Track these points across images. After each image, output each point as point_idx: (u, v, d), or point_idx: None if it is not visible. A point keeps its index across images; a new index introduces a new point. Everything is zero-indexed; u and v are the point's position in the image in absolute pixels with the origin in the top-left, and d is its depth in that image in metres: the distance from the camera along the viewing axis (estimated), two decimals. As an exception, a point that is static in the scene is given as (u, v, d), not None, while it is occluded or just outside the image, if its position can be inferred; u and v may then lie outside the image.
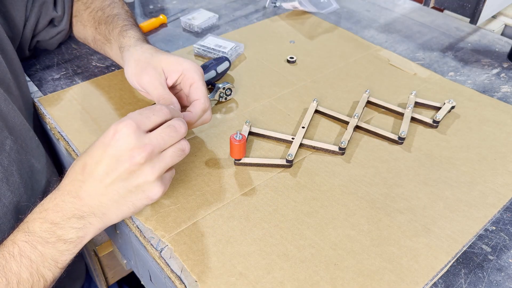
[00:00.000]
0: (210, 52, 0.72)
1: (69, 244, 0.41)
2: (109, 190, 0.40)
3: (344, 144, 0.53)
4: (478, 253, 0.44)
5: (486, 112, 0.61)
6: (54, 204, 0.41)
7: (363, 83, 0.67)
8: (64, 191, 0.42)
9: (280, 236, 0.44)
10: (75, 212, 0.41)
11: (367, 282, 0.40)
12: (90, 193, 0.41)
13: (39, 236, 0.40)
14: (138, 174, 0.40)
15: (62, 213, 0.41)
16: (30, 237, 0.40)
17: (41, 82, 0.67)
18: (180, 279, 0.40)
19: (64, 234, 0.40)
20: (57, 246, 0.40)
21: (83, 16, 0.67)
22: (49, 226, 0.40)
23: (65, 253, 0.41)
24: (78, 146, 0.55)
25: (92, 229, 0.42)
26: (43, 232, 0.40)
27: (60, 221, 0.41)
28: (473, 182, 0.50)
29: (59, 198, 0.41)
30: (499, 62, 0.73)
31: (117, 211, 0.42)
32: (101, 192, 0.41)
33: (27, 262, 0.40)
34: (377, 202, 0.48)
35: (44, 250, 0.40)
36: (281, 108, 0.62)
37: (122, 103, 0.62)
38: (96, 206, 0.41)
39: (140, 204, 0.42)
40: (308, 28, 0.82)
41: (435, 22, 0.86)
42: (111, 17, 0.63)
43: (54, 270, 0.41)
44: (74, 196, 0.41)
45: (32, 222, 0.41)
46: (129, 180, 0.40)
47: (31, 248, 0.40)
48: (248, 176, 0.51)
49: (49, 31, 0.67)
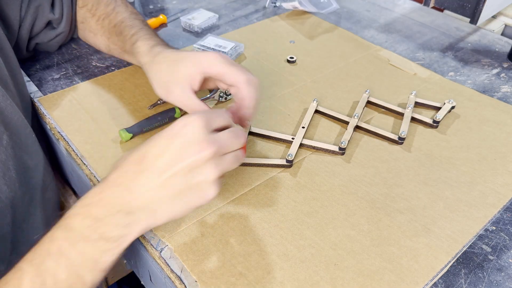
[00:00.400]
0: (210, 52, 0.71)
1: (112, 243, 0.38)
2: (167, 184, 0.38)
3: (344, 144, 0.53)
4: (478, 253, 0.44)
5: (486, 112, 0.61)
6: (98, 198, 0.38)
7: (363, 83, 0.67)
8: (113, 183, 0.39)
9: (280, 236, 0.44)
10: (122, 207, 0.38)
11: (367, 282, 0.40)
12: (145, 186, 0.38)
13: (80, 233, 0.37)
14: (200, 171, 0.38)
15: (107, 207, 0.38)
16: (70, 234, 0.37)
17: (41, 82, 0.67)
18: (180, 279, 0.40)
19: (107, 231, 0.37)
20: (98, 244, 0.37)
21: (90, 24, 0.66)
22: (92, 222, 0.37)
23: (107, 253, 0.38)
24: (78, 146, 0.55)
25: (138, 228, 0.38)
26: (84, 228, 0.37)
27: (104, 217, 0.38)
28: (473, 182, 0.50)
29: (106, 192, 0.38)
30: (499, 62, 0.73)
31: (169, 209, 0.39)
32: (158, 185, 0.38)
33: (65, 261, 0.37)
34: (377, 202, 0.48)
35: (84, 248, 0.37)
36: (281, 108, 0.61)
37: (122, 103, 0.62)
38: (148, 201, 0.38)
39: (193, 205, 0.39)
40: (308, 28, 0.82)
41: (435, 22, 0.86)
42: (118, 26, 0.62)
43: (94, 272, 0.38)
44: (125, 188, 0.38)
45: (73, 218, 0.38)
46: (190, 175, 0.38)
47: (70, 246, 0.37)
48: (248, 176, 0.51)
49: (48, 34, 0.67)
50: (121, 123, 0.58)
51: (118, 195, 0.38)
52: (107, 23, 0.64)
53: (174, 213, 0.39)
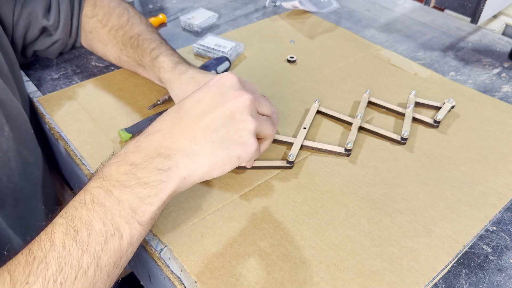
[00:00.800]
0: (210, 52, 0.71)
1: (150, 189, 0.35)
2: (207, 128, 0.37)
3: (350, 145, 0.53)
4: (479, 254, 0.44)
5: (487, 112, 0.61)
6: (135, 147, 0.37)
7: (364, 83, 0.67)
8: (150, 132, 0.38)
9: (280, 237, 0.44)
10: (162, 151, 0.36)
11: (367, 282, 0.40)
12: (185, 129, 0.37)
13: (116, 180, 0.35)
14: (239, 117, 0.38)
15: (146, 152, 0.36)
16: (105, 182, 0.35)
17: (40, 82, 0.67)
18: (180, 279, 0.40)
19: (145, 176, 0.35)
20: (136, 191, 0.35)
21: (100, 34, 0.65)
22: (128, 168, 0.36)
23: (145, 201, 0.35)
24: (77, 146, 0.54)
25: (178, 173, 0.36)
26: (120, 175, 0.35)
27: (142, 162, 0.36)
28: (474, 182, 0.50)
29: (143, 140, 0.37)
30: (499, 62, 0.73)
31: (210, 154, 0.37)
32: (198, 129, 0.37)
33: (100, 209, 0.34)
34: (378, 203, 0.48)
35: (121, 195, 0.35)
36: (281, 108, 0.61)
37: (121, 103, 0.62)
38: (188, 144, 0.37)
39: (234, 153, 0.38)
40: (308, 28, 0.82)
41: (436, 21, 0.86)
42: (135, 38, 0.62)
43: (132, 224, 0.35)
44: (164, 134, 0.37)
45: (107, 167, 0.36)
46: (229, 121, 0.38)
47: (106, 194, 0.35)
48: (248, 176, 0.51)
49: (44, 41, 0.65)
50: (120, 123, 0.58)
51: (156, 140, 0.37)
52: (121, 34, 0.63)
53: (215, 158, 0.38)
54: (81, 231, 0.33)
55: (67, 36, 0.67)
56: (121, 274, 0.38)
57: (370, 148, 0.55)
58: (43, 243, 0.33)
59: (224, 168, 0.39)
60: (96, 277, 0.33)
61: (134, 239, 0.35)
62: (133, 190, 0.35)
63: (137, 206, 0.35)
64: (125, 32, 0.63)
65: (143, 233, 0.36)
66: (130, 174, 0.35)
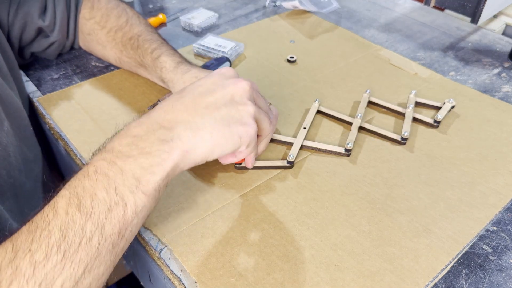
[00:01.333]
0: (210, 52, 0.71)
1: (153, 159, 0.35)
2: (209, 106, 0.39)
3: (350, 145, 0.53)
4: (479, 254, 0.44)
5: (487, 112, 0.61)
6: (138, 121, 0.38)
7: (364, 83, 0.67)
8: (154, 110, 0.38)
9: (280, 237, 0.44)
10: (164, 124, 0.37)
11: (367, 283, 0.40)
12: (188, 105, 0.38)
13: (118, 152, 0.35)
14: (239, 101, 0.40)
15: (148, 125, 0.37)
16: (108, 154, 0.36)
17: (40, 82, 0.67)
18: (180, 280, 0.40)
19: (147, 146, 0.36)
20: (139, 160, 0.35)
21: (99, 36, 0.65)
22: (131, 140, 0.36)
23: (148, 171, 0.35)
24: (77, 146, 0.54)
25: (179, 147, 0.37)
26: (123, 147, 0.36)
27: (145, 134, 0.36)
28: (474, 182, 0.50)
29: (146, 115, 0.38)
30: (500, 62, 0.73)
31: (213, 128, 0.38)
32: (200, 106, 0.38)
33: (103, 179, 0.34)
34: (378, 203, 0.47)
35: (124, 165, 0.35)
36: (281, 108, 0.61)
37: (121, 103, 0.62)
38: (191, 117, 0.38)
39: (235, 130, 0.39)
40: (308, 28, 0.82)
41: (436, 21, 0.86)
42: (134, 39, 0.62)
43: (136, 193, 0.35)
44: (167, 109, 0.38)
45: (110, 142, 0.37)
46: (230, 103, 0.40)
47: (109, 164, 0.35)
48: (248, 176, 0.51)
49: (41, 42, 0.65)
50: (120, 123, 0.58)
51: (159, 115, 0.38)
52: (120, 35, 0.63)
53: (218, 134, 0.38)
54: (85, 199, 0.33)
55: (64, 38, 0.67)
56: (121, 274, 0.38)
57: (370, 148, 0.55)
58: (46, 213, 0.33)
59: (225, 147, 0.39)
60: (101, 246, 0.33)
61: (139, 209, 0.35)
62: (136, 160, 0.35)
63: (141, 175, 0.35)
64: (125, 33, 0.63)
65: (147, 205, 0.36)
66: (132, 145, 0.36)
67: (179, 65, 0.57)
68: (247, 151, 0.44)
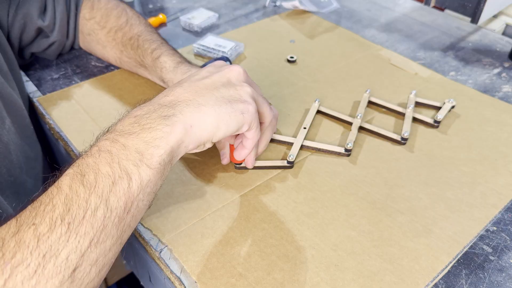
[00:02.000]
0: (210, 52, 0.71)
1: (156, 133, 0.36)
2: (208, 86, 0.40)
3: (350, 145, 0.53)
4: (479, 254, 0.44)
5: (487, 112, 0.61)
6: (139, 106, 0.39)
7: (364, 83, 0.67)
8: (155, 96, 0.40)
9: (280, 237, 0.44)
10: (166, 103, 0.38)
11: (367, 283, 0.40)
12: (188, 87, 0.39)
13: (121, 131, 0.36)
14: (236, 83, 0.42)
15: (149, 107, 0.38)
16: (110, 134, 0.36)
17: (40, 82, 0.67)
18: (180, 280, 0.40)
19: (149, 122, 0.36)
20: (141, 136, 0.35)
21: (99, 36, 0.65)
22: (134, 120, 0.37)
23: (151, 144, 0.35)
24: (77, 146, 0.54)
25: (182, 120, 0.37)
26: (125, 126, 0.36)
27: (146, 113, 0.37)
28: (474, 182, 0.50)
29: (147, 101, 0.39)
30: (500, 62, 0.73)
31: (215, 104, 0.39)
32: (199, 87, 0.40)
33: (106, 155, 0.34)
34: (378, 203, 0.47)
35: (127, 141, 0.35)
36: (281, 108, 0.61)
37: (121, 103, 0.62)
38: (193, 96, 0.39)
39: (237, 107, 0.40)
40: (308, 28, 0.82)
41: (436, 21, 0.86)
42: (134, 39, 0.62)
43: (140, 167, 0.34)
44: (168, 92, 0.39)
45: (113, 126, 0.38)
46: (227, 84, 0.41)
47: (111, 142, 0.35)
48: (248, 176, 0.51)
49: (41, 42, 0.65)
50: (120, 123, 0.58)
51: (160, 98, 0.39)
52: (120, 35, 0.63)
53: (221, 110, 0.39)
54: (88, 174, 0.33)
55: (64, 38, 0.67)
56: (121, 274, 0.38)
57: (370, 148, 0.55)
58: (50, 191, 0.33)
59: (230, 122, 0.39)
60: (107, 219, 0.32)
61: (144, 183, 0.35)
62: (138, 135, 0.35)
63: (144, 149, 0.35)
64: (125, 33, 0.63)
65: (153, 179, 0.36)
66: (135, 124, 0.36)
67: (179, 65, 0.57)
68: (252, 134, 0.44)
